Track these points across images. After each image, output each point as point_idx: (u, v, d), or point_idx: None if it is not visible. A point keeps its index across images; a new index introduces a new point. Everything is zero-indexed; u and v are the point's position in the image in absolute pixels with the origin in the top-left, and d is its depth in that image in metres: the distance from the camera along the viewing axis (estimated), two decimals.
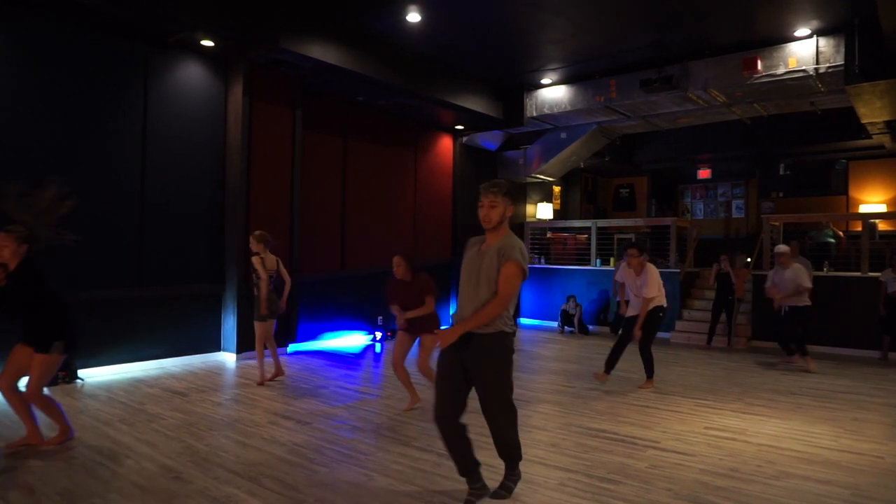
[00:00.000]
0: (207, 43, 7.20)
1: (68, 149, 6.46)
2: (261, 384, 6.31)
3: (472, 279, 3.26)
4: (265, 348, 6.45)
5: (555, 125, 11.15)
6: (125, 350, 6.90)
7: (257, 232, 6.41)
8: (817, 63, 7.82)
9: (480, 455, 3.41)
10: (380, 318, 9.83)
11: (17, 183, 4.15)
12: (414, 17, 7.39)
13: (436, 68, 9.12)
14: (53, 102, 6.36)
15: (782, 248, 7.68)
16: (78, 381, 6.26)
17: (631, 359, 8.20)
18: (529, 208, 13.24)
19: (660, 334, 10.45)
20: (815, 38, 7.82)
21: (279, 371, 6.60)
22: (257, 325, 6.35)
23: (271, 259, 6.38)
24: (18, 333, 4.22)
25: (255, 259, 6.28)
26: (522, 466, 4.01)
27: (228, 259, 7.78)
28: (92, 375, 6.50)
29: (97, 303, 6.64)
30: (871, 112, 8.66)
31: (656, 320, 6.34)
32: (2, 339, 4.87)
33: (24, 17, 6.14)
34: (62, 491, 3.52)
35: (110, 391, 5.95)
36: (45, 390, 4.44)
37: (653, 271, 6.29)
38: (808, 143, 12.26)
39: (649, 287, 6.21)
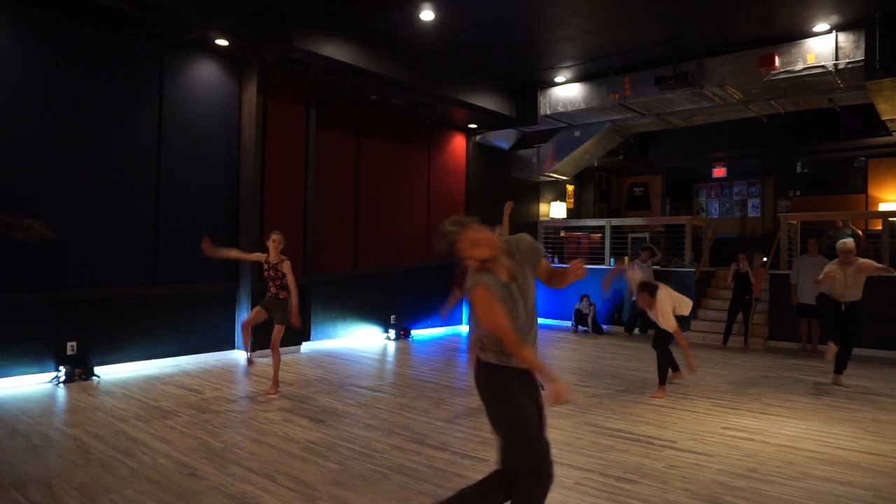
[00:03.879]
0: (222, 42, 7.23)
1: (83, 147, 6.52)
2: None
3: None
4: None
5: (568, 123, 11.09)
6: (141, 348, 6.95)
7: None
8: (836, 59, 7.70)
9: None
10: (392, 316, 9.83)
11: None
12: (427, 15, 7.37)
13: (449, 66, 9.10)
14: (69, 100, 6.42)
15: (849, 243, 6.51)
16: (94, 378, 6.32)
17: (647, 358, 8.12)
18: (543, 207, 13.18)
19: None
20: (834, 33, 7.69)
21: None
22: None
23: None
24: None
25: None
26: None
27: None
28: (108, 373, 6.55)
29: (113, 301, 6.71)
30: (891, 108, 8.52)
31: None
32: None
33: (40, 16, 6.20)
34: (79, 486, 3.55)
35: (126, 388, 6.00)
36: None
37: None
38: (826, 140, 12.08)
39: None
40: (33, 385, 6.04)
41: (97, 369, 6.42)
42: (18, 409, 5.18)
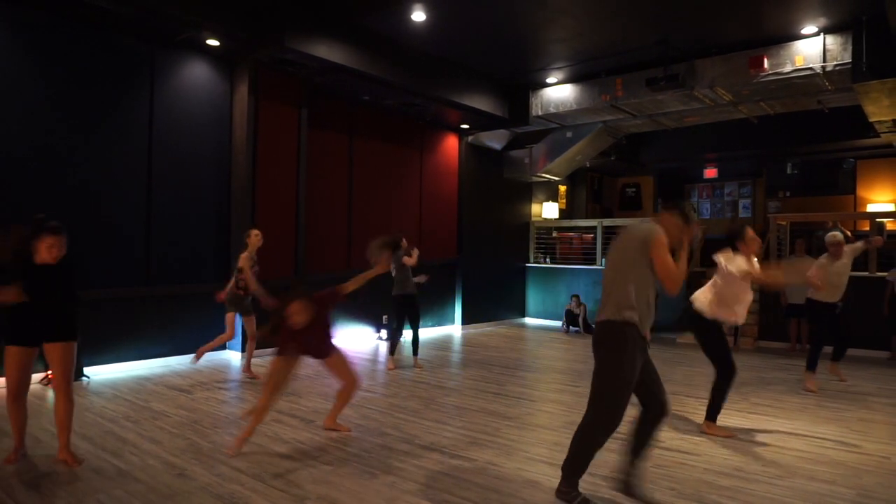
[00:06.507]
0: (213, 42, 7.22)
1: (74, 148, 6.50)
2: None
3: None
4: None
5: (560, 124, 11.11)
6: (131, 348, 6.93)
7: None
8: (824, 61, 7.76)
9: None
10: (385, 316, 9.84)
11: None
12: (419, 16, 7.38)
13: (441, 67, 9.11)
14: (60, 101, 6.40)
15: (837, 235, 6.47)
16: (84, 378, 6.29)
17: None
18: (535, 208, 13.21)
19: (667, 334, 10.48)
20: (822, 35, 7.76)
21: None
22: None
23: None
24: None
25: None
26: (528, 466, 4.02)
27: (234, 258, 7.78)
28: (98, 373, 6.53)
29: (104, 301, 6.68)
30: (878, 110, 8.58)
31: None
32: None
33: (32, 16, 6.18)
34: (67, 487, 3.54)
35: (116, 389, 5.99)
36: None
37: None
38: (815, 141, 12.17)
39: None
40: None
41: (87, 370, 6.40)
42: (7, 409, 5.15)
